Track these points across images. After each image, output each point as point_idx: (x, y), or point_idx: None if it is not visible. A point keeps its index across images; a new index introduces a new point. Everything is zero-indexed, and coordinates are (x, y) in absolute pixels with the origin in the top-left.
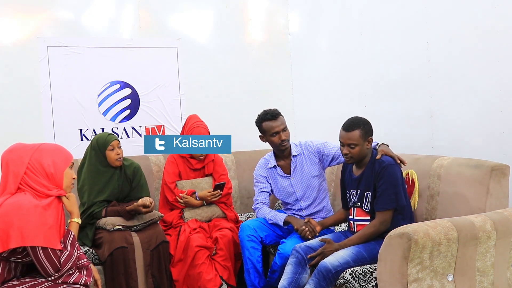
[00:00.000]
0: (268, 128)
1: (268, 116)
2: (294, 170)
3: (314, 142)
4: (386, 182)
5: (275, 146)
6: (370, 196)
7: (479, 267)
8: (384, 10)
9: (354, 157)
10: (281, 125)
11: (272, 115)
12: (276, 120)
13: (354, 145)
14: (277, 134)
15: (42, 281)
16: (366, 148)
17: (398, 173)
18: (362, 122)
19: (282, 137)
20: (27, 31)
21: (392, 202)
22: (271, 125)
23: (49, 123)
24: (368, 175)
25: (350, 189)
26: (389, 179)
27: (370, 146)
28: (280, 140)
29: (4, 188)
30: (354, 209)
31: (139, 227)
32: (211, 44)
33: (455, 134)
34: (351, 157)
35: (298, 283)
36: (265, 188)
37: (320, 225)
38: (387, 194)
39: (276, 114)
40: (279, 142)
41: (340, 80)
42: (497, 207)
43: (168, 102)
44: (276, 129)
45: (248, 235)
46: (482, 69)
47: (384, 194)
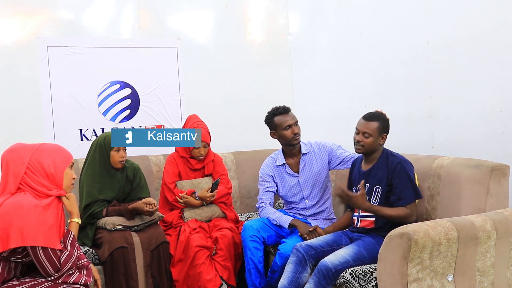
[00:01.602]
0: (280, 122)
1: (280, 111)
2: (303, 168)
3: (328, 143)
4: (405, 177)
5: (287, 140)
6: (380, 190)
7: (479, 267)
8: (384, 10)
9: (365, 147)
10: (293, 119)
11: (284, 109)
12: (287, 114)
13: (368, 135)
14: (290, 128)
15: (42, 281)
16: (378, 143)
17: (412, 168)
18: (382, 117)
19: (295, 130)
20: (27, 31)
21: (417, 194)
22: (283, 119)
23: (49, 123)
24: (380, 169)
25: (357, 185)
26: (407, 174)
27: (382, 142)
28: (293, 133)
29: (4, 188)
30: None
31: (140, 227)
32: (211, 44)
33: (455, 134)
34: (362, 145)
35: (298, 282)
36: (270, 188)
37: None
38: (408, 187)
39: (287, 108)
40: (292, 135)
41: (340, 80)
42: (497, 207)
43: (168, 102)
44: (289, 122)
45: (251, 235)
46: (482, 69)
47: (406, 188)
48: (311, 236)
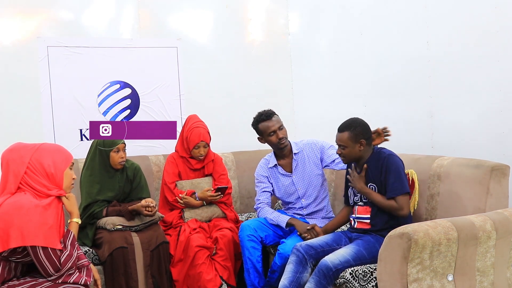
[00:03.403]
0: (264, 129)
1: (263, 117)
2: (296, 168)
3: (319, 141)
4: (394, 170)
5: (274, 145)
6: (374, 188)
7: (479, 267)
8: (384, 10)
9: (346, 158)
10: (276, 123)
11: (266, 115)
12: (271, 120)
13: (343, 146)
14: (274, 133)
15: (42, 281)
16: (358, 150)
17: (400, 162)
18: (354, 124)
19: (279, 136)
20: (27, 31)
21: (405, 187)
22: (266, 125)
23: (49, 123)
24: (372, 167)
25: None
26: (396, 167)
27: (363, 148)
28: (278, 138)
29: (4, 187)
30: (356, 207)
31: (140, 227)
32: (211, 44)
33: (455, 134)
34: (343, 157)
35: (299, 282)
36: (266, 188)
37: (323, 231)
38: (394, 180)
39: (270, 114)
40: (277, 141)
41: (340, 80)
42: (497, 207)
43: (168, 102)
44: (272, 128)
45: (248, 235)
46: (482, 69)
47: (397, 181)
48: (310, 234)
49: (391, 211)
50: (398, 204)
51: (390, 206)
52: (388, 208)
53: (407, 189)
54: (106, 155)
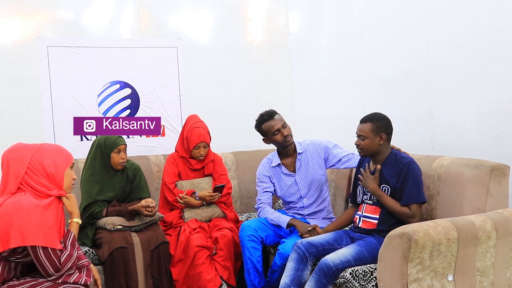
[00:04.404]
0: (268, 129)
1: (265, 117)
2: (299, 168)
3: (322, 141)
4: (413, 178)
5: (279, 144)
6: (387, 190)
7: (479, 267)
8: (384, 10)
9: (364, 150)
10: (279, 122)
11: (268, 115)
12: (273, 119)
13: (363, 137)
14: (279, 132)
15: (42, 281)
16: (377, 143)
17: (419, 170)
18: (377, 117)
19: (284, 133)
20: (27, 31)
21: (422, 196)
22: (270, 125)
23: (49, 123)
24: (388, 169)
25: None
26: (415, 175)
27: (383, 142)
28: (283, 136)
29: (5, 187)
30: (364, 205)
31: (140, 227)
32: (211, 44)
33: (455, 134)
34: (361, 148)
35: (300, 280)
36: (268, 188)
37: (324, 233)
38: (412, 188)
39: (272, 113)
40: (282, 139)
41: (340, 80)
42: (497, 207)
43: (168, 102)
44: (276, 127)
45: (248, 235)
46: (482, 69)
47: (414, 189)
48: (310, 235)
49: (402, 217)
50: (411, 212)
51: (402, 212)
52: (400, 213)
53: (423, 199)
54: (107, 155)
